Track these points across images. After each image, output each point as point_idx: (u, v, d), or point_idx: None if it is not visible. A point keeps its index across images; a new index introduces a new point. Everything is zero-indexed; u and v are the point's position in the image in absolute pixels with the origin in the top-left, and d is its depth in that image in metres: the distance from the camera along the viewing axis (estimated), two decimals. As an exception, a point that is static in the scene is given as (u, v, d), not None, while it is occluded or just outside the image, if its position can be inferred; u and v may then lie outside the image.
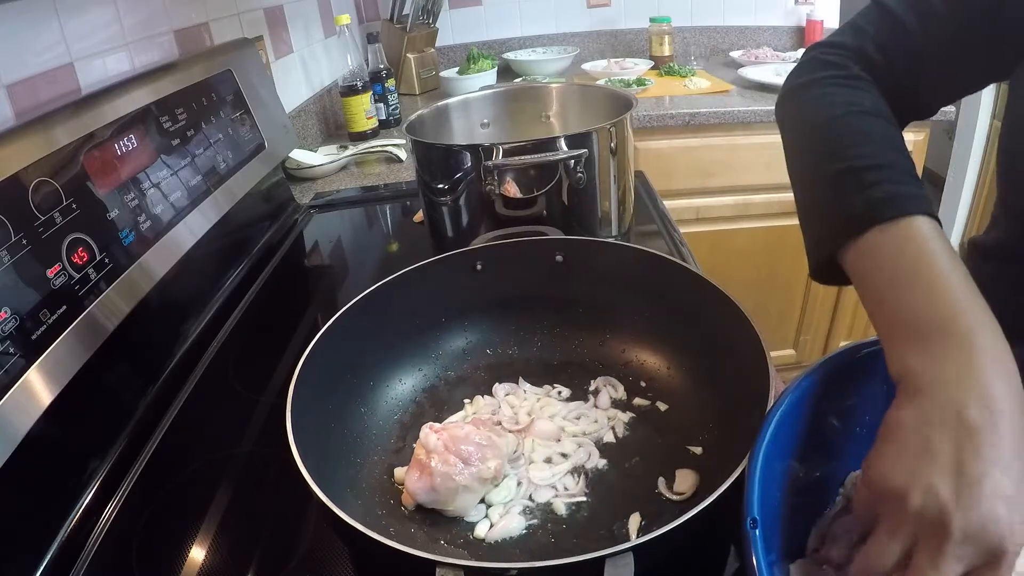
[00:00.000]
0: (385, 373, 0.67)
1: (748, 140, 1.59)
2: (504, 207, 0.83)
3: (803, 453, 0.44)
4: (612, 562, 0.38)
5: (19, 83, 0.69)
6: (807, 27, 2.06)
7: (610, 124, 0.83)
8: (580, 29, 2.19)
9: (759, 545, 0.37)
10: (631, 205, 0.96)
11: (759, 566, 0.36)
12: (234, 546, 0.55)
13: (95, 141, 0.70)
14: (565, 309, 0.72)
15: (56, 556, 0.54)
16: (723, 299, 0.58)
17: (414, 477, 0.54)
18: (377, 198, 1.28)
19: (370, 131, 1.60)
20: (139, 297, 0.71)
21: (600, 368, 0.68)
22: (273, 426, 0.57)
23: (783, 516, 0.42)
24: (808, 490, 0.45)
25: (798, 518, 0.44)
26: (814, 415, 0.45)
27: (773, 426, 0.42)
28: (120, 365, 0.69)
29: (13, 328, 0.54)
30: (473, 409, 0.65)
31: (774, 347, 1.90)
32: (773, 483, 0.41)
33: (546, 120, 1.06)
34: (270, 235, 1.11)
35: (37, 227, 0.59)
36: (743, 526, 0.38)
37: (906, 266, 0.40)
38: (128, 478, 0.63)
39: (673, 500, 0.53)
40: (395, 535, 0.52)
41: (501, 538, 0.51)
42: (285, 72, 1.46)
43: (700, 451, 0.57)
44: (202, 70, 0.96)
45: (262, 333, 0.88)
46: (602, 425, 0.61)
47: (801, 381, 0.45)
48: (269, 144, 1.10)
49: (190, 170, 0.86)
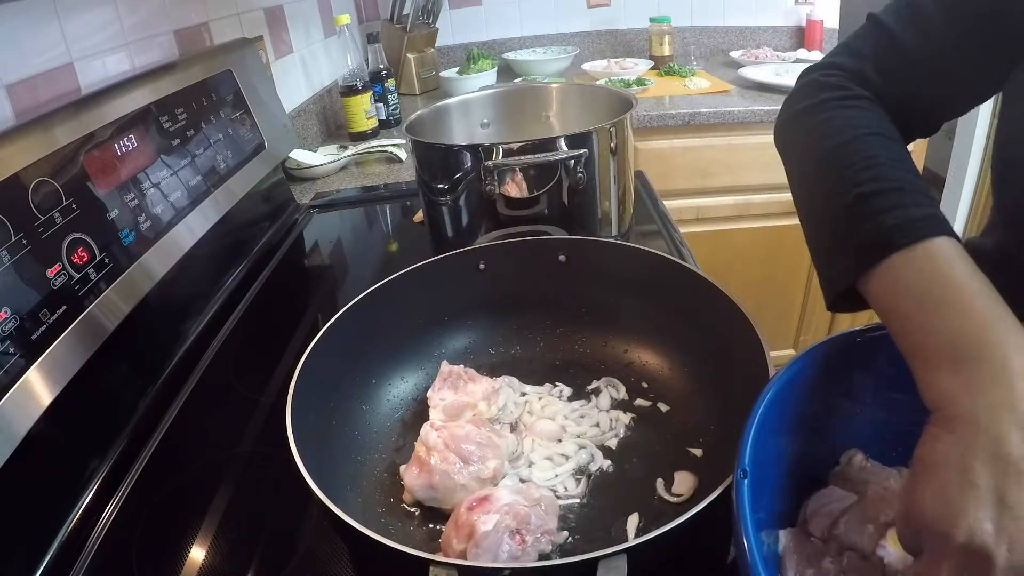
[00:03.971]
0: (387, 371, 0.67)
1: (748, 140, 1.59)
2: (504, 207, 0.83)
3: (799, 427, 0.45)
4: (605, 564, 0.38)
5: (19, 83, 0.69)
6: (807, 27, 2.06)
7: (610, 124, 0.83)
8: (580, 29, 2.19)
9: (746, 496, 0.37)
10: (631, 205, 0.96)
11: (743, 517, 0.36)
12: (234, 546, 0.55)
13: (95, 141, 0.70)
14: (568, 309, 0.72)
15: (56, 556, 0.54)
16: (723, 299, 0.58)
17: (413, 473, 0.54)
18: (377, 198, 1.28)
19: (370, 131, 1.60)
20: (139, 297, 0.70)
21: (602, 369, 0.68)
22: (273, 426, 0.57)
23: (777, 485, 0.43)
24: (804, 466, 0.46)
25: (794, 493, 0.45)
26: (813, 391, 0.45)
27: (773, 392, 0.42)
28: (120, 365, 0.69)
29: (13, 328, 0.54)
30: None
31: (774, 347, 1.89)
32: (767, 450, 0.41)
33: (546, 120, 1.06)
34: (270, 235, 1.11)
35: (37, 227, 0.59)
36: (734, 477, 0.38)
37: (931, 290, 0.39)
38: (128, 478, 0.63)
39: (671, 502, 0.53)
40: (394, 533, 0.52)
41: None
42: (285, 72, 1.46)
43: (700, 453, 0.57)
44: (202, 70, 0.96)
45: (262, 333, 0.88)
46: (604, 428, 0.61)
47: (804, 355, 0.45)
48: (269, 144, 1.10)
49: (190, 170, 0.86)
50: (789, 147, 0.58)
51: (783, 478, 0.44)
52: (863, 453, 0.47)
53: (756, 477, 0.38)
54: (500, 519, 0.47)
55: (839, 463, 0.47)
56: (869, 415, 0.47)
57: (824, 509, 0.43)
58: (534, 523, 0.48)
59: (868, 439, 0.47)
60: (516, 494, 0.50)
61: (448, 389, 0.64)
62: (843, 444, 0.47)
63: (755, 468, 0.38)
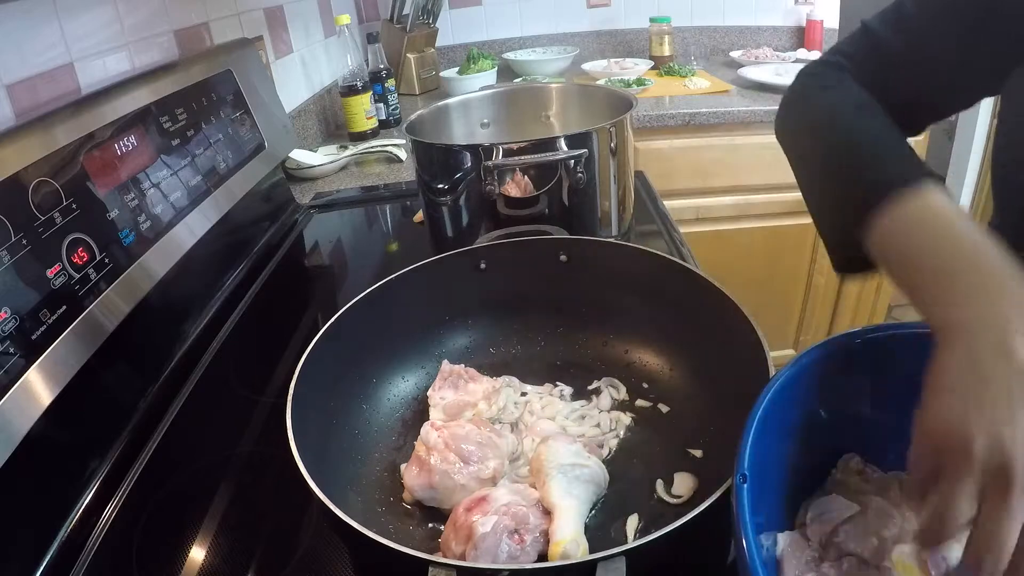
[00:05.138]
0: (387, 371, 0.67)
1: (748, 140, 1.59)
2: (504, 207, 0.83)
3: (798, 429, 0.45)
4: (604, 566, 0.38)
5: (19, 83, 0.69)
6: (807, 27, 2.06)
7: (610, 124, 0.83)
8: (580, 29, 2.19)
9: (746, 501, 0.37)
10: (631, 205, 0.96)
11: (743, 521, 0.36)
12: (234, 546, 0.55)
13: (95, 141, 0.70)
14: (568, 309, 0.72)
15: (56, 556, 0.54)
16: (723, 299, 0.58)
17: (413, 473, 0.54)
18: (377, 198, 1.28)
19: (370, 131, 1.60)
20: (139, 297, 0.70)
21: (603, 369, 0.68)
22: (273, 426, 0.57)
23: (776, 488, 0.43)
24: (803, 468, 0.46)
25: (793, 495, 0.45)
26: (813, 393, 0.45)
27: (772, 394, 0.42)
28: (120, 365, 0.69)
29: (13, 328, 0.54)
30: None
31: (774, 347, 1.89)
32: (766, 452, 0.41)
33: (546, 120, 1.06)
34: (270, 235, 1.11)
35: (37, 227, 0.59)
36: (733, 481, 0.38)
37: (932, 227, 0.41)
38: (128, 478, 0.63)
39: (671, 503, 0.53)
40: (394, 533, 0.52)
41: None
42: (285, 72, 1.46)
43: (700, 454, 0.57)
44: (202, 70, 0.96)
45: (262, 333, 0.88)
46: (605, 428, 0.61)
47: (803, 356, 0.45)
48: (269, 144, 1.10)
49: (190, 170, 0.86)
50: (784, 137, 0.61)
51: (782, 480, 0.44)
52: (860, 457, 0.47)
53: (755, 480, 0.38)
54: (498, 520, 0.47)
55: (837, 467, 0.47)
56: (868, 416, 0.47)
57: (824, 516, 0.43)
58: (533, 523, 0.48)
59: (867, 440, 0.47)
60: (514, 494, 0.50)
61: (448, 388, 0.64)
62: (842, 446, 0.47)
63: (754, 471, 0.38)
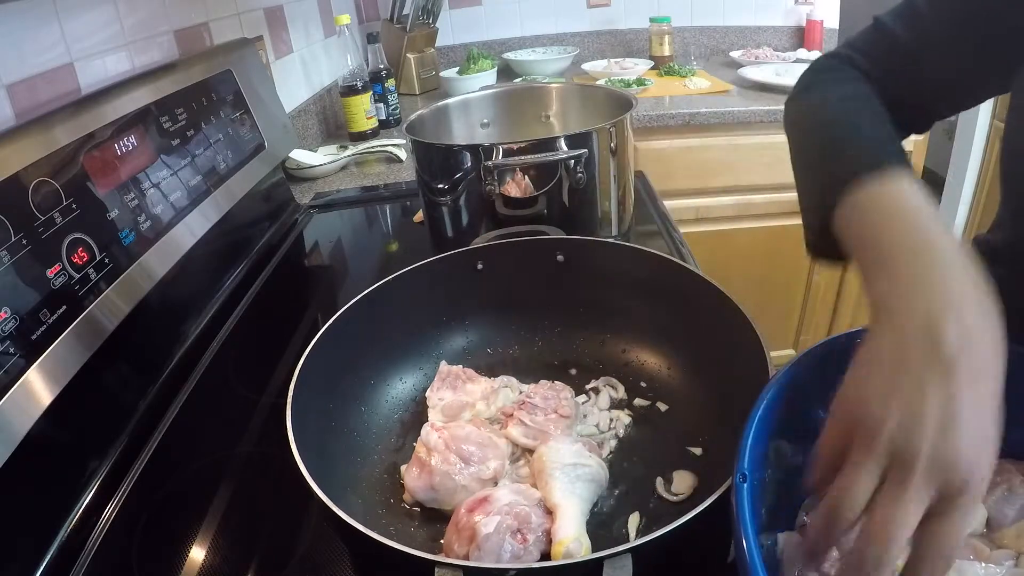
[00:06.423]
0: (386, 372, 0.67)
1: (748, 140, 1.59)
2: (504, 207, 0.83)
3: (797, 429, 0.45)
4: (611, 563, 0.38)
5: (19, 83, 0.69)
6: (807, 27, 2.06)
7: (610, 124, 0.83)
8: (580, 29, 2.19)
9: (746, 500, 0.37)
10: (631, 205, 0.96)
11: (743, 522, 0.36)
12: (234, 546, 0.55)
13: (95, 141, 0.70)
14: (566, 309, 0.72)
15: (56, 556, 0.54)
16: (723, 299, 0.58)
17: (413, 474, 0.54)
18: (377, 198, 1.28)
19: (370, 131, 1.60)
20: (139, 297, 0.71)
21: (600, 368, 0.68)
22: (273, 426, 0.57)
23: (776, 487, 0.43)
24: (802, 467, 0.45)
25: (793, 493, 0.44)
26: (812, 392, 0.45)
27: (771, 394, 0.42)
28: (120, 365, 0.69)
29: (13, 328, 0.54)
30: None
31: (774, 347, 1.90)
32: (766, 451, 0.41)
33: (546, 120, 1.06)
34: (270, 235, 1.11)
35: (37, 227, 0.59)
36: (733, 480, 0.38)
37: (888, 211, 0.42)
38: (128, 478, 0.63)
39: (671, 501, 0.53)
40: (395, 534, 0.52)
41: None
42: (285, 72, 1.46)
43: (700, 452, 0.57)
44: (202, 70, 0.96)
45: (262, 333, 0.88)
46: (604, 427, 0.61)
47: (803, 357, 0.45)
48: (269, 144, 1.10)
49: (190, 170, 0.86)
50: (787, 129, 0.62)
51: (781, 479, 0.44)
52: None
53: (755, 480, 0.38)
54: (501, 520, 0.47)
55: None
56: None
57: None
58: (535, 522, 0.48)
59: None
60: (516, 494, 0.50)
61: (447, 389, 0.64)
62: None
63: (754, 470, 0.38)
